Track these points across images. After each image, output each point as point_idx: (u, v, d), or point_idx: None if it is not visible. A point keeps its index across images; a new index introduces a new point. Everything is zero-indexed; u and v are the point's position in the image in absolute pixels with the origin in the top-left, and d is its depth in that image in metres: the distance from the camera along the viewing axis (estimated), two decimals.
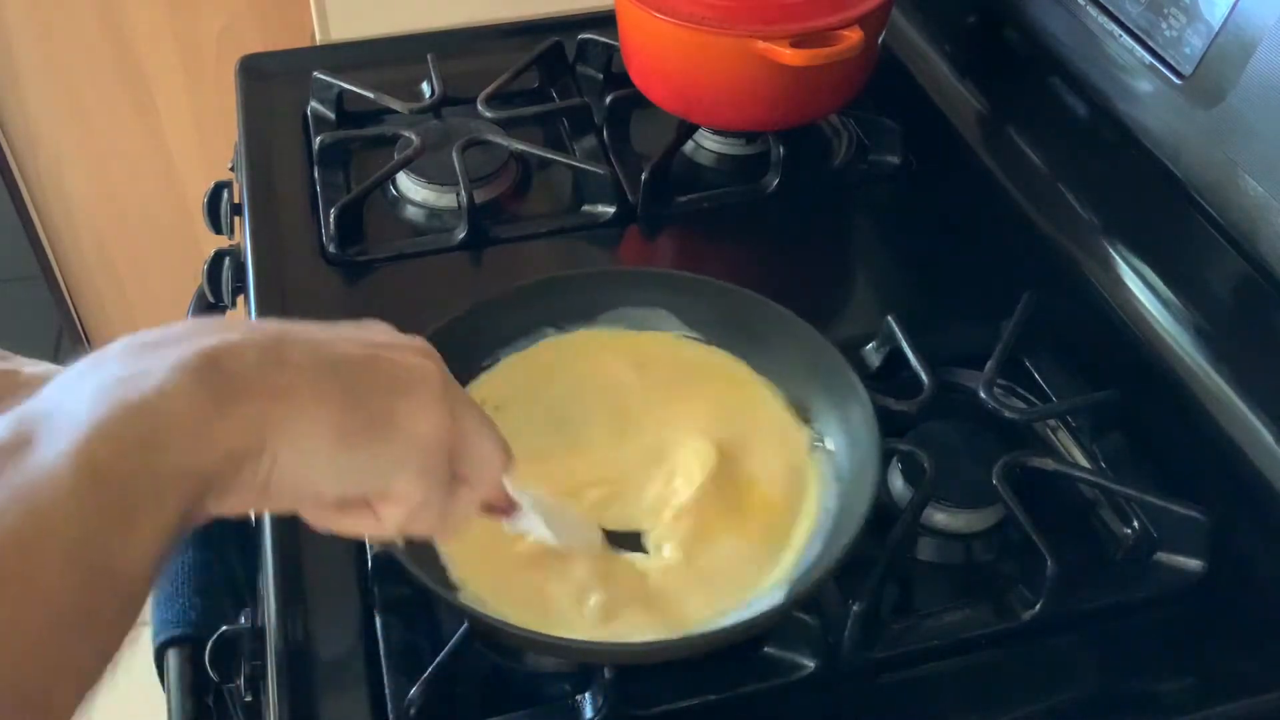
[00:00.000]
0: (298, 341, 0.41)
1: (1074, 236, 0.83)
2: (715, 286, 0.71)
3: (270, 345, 0.40)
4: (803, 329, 0.68)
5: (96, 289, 1.71)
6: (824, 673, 0.59)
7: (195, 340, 0.38)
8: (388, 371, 0.43)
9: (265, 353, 0.39)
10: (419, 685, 0.57)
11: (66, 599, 0.33)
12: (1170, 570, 0.64)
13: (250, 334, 0.40)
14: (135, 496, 0.35)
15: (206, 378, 0.37)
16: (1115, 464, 0.70)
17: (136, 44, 1.49)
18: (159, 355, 0.37)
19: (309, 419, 0.40)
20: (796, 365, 0.68)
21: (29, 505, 0.33)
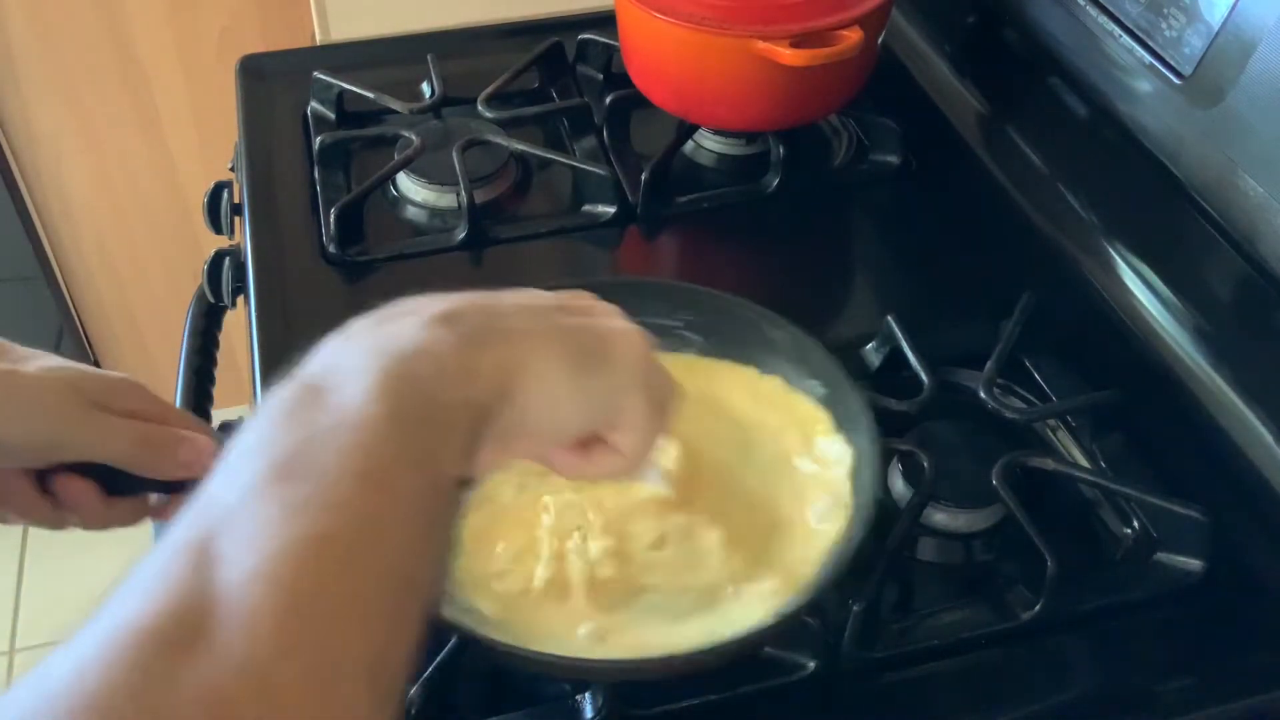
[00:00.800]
0: (499, 299, 0.46)
1: (1074, 236, 0.83)
2: (710, 297, 0.69)
3: (482, 304, 0.44)
4: (799, 337, 0.66)
5: (96, 289, 1.71)
6: (824, 673, 0.59)
7: (424, 308, 0.43)
8: (577, 308, 0.48)
9: (482, 309, 0.44)
10: (419, 685, 0.57)
11: (419, 498, 0.38)
12: (1170, 570, 0.64)
13: (462, 299, 0.44)
14: (433, 419, 0.39)
15: (453, 329, 0.42)
16: (1115, 464, 0.70)
17: (136, 44, 1.49)
18: (401, 322, 0.42)
19: (542, 356, 0.44)
20: (787, 366, 0.67)
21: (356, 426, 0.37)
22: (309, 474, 0.35)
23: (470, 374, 0.41)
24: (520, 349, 0.43)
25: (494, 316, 0.44)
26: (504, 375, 0.43)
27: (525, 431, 0.44)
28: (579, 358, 0.45)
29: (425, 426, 0.39)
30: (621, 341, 0.47)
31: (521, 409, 0.43)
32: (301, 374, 0.40)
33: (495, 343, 0.43)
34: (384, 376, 0.39)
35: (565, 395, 0.45)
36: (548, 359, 0.44)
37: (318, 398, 0.38)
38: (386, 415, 0.38)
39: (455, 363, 0.41)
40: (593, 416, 0.47)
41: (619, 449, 0.49)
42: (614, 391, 0.47)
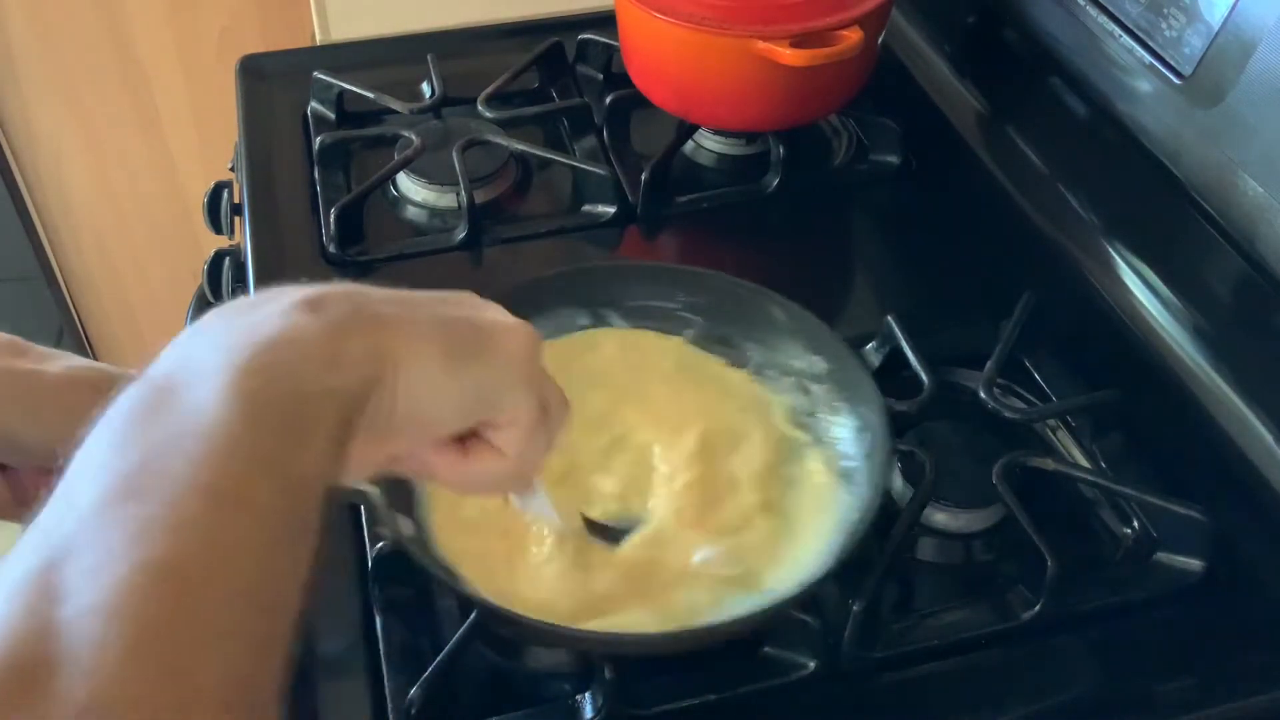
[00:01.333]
0: (372, 290, 0.43)
1: (1074, 236, 0.83)
2: (722, 280, 0.70)
3: (350, 291, 0.42)
4: (812, 324, 0.67)
5: (96, 289, 1.71)
6: (824, 673, 0.59)
7: (289, 294, 0.40)
8: (463, 302, 0.46)
9: (350, 295, 0.41)
10: (419, 685, 0.57)
11: (277, 510, 0.35)
12: (1170, 570, 0.64)
13: (328, 286, 0.42)
14: (295, 415, 0.36)
15: (319, 315, 0.39)
16: (1115, 464, 0.70)
17: (136, 44, 1.49)
18: (262, 309, 0.39)
19: (417, 342, 0.41)
20: (790, 344, 0.68)
21: (203, 432, 0.34)
22: (153, 492, 0.33)
23: (337, 361, 0.38)
24: (391, 334, 0.41)
25: (362, 303, 0.41)
26: (374, 362, 0.40)
27: (398, 423, 0.41)
28: (456, 346, 0.43)
29: (284, 425, 0.36)
30: (505, 334, 0.45)
31: (393, 398, 0.40)
32: (149, 373, 0.37)
33: (365, 329, 0.40)
34: (237, 373, 0.36)
35: (441, 384, 0.42)
36: (422, 345, 0.41)
37: (165, 400, 0.35)
38: (239, 418, 0.35)
39: (320, 350, 0.38)
40: (470, 409, 0.45)
41: (501, 448, 0.47)
42: (494, 384, 0.45)
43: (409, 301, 0.43)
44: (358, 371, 0.39)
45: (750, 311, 0.69)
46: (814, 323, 0.67)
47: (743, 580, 0.59)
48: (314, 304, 0.39)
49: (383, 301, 0.42)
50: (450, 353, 0.42)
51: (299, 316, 0.38)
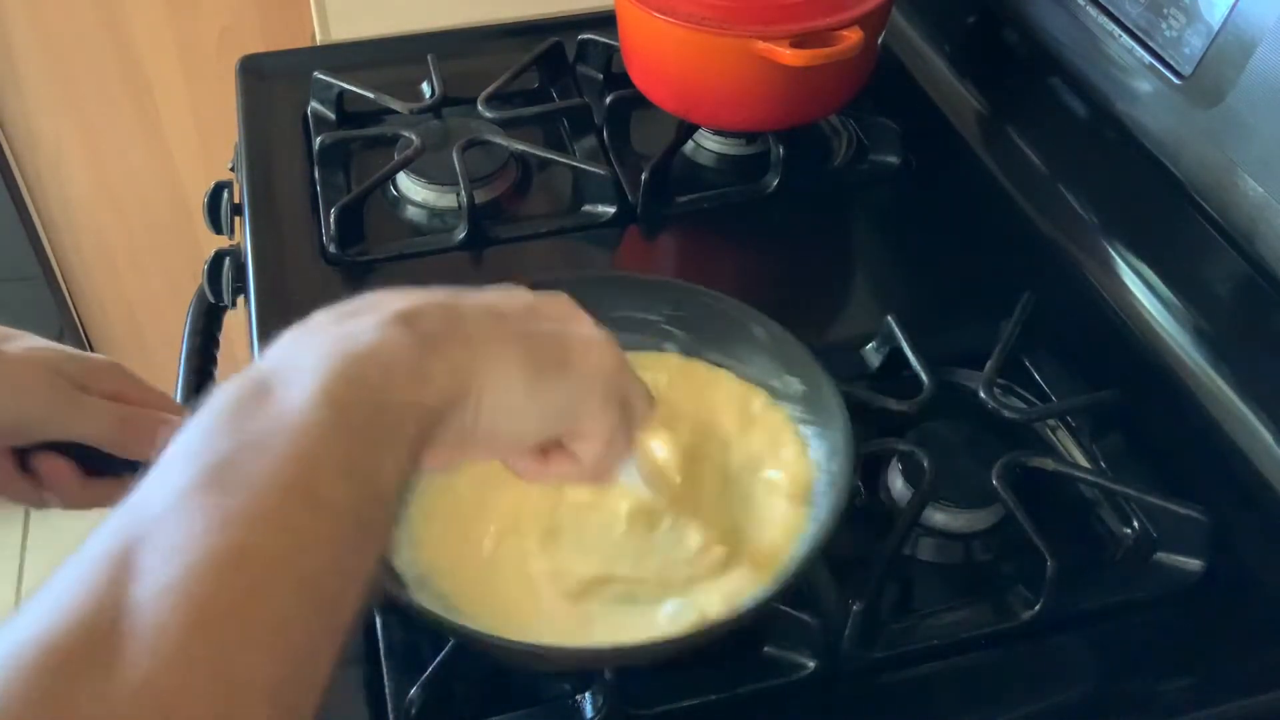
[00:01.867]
0: (465, 300, 0.45)
1: (1074, 236, 0.83)
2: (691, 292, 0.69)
3: (447, 304, 0.44)
4: (779, 334, 0.66)
5: (96, 289, 1.71)
6: (824, 673, 0.59)
7: (386, 305, 0.42)
8: (549, 312, 0.47)
9: (445, 310, 0.43)
10: (419, 685, 0.57)
11: (351, 512, 0.36)
12: (1170, 570, 0.64)
13: (427, 297, 0.44)
14: (378, 425, 0.38)
15: (409, 330, 0.41)
16: (1115, 464, 0.70)
17: (136, 44, 1.49)
18: (360, 320, 0.41)
19: (501, 362, 0.43)
20: (768, 362, 0.67)
21: (294, 434, 0.36)
22: (239, 483, 0.34)
23: (423, 378, 0.41)
24: (478, 354, 0.43)
25: (455, 319, 0.43)
26: (458, 381, 0.42)
27: (479, 437, 0.43)
28: (538, 365, 0.44)
29: (367, 433, 0.38)
30: (587, 350, 0.47)
31: (475, 414, 0.42)
32: (255, 368, 0.39)
33: (453, 346, 0.42)
34: (331, 379, 0.38)
35: (521, 403, 0.44)
36: (505, 365, 0.43)
37: (263, 397, 0.37)
38: (329, 422, 0.37)
39: (408, 366, 0.40)
40: (549, 426, 0.47)
41: (578, 457, 0.49)
42: (573, 401, 0.46)
43: (500, 315, 0.45)
44: (441, 388, 0.41)
45: (731, 328, 0.68)
46: (793, 344, 0.66)
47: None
48: (409, 318, 0.41)
49: (475, 316, 0.44)
50: (532, 372, 0.44)
51: (393, 330, 0.41)
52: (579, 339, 0.47)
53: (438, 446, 0.42)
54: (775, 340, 0.66)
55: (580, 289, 0.70)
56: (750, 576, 0.58)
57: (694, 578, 0.58)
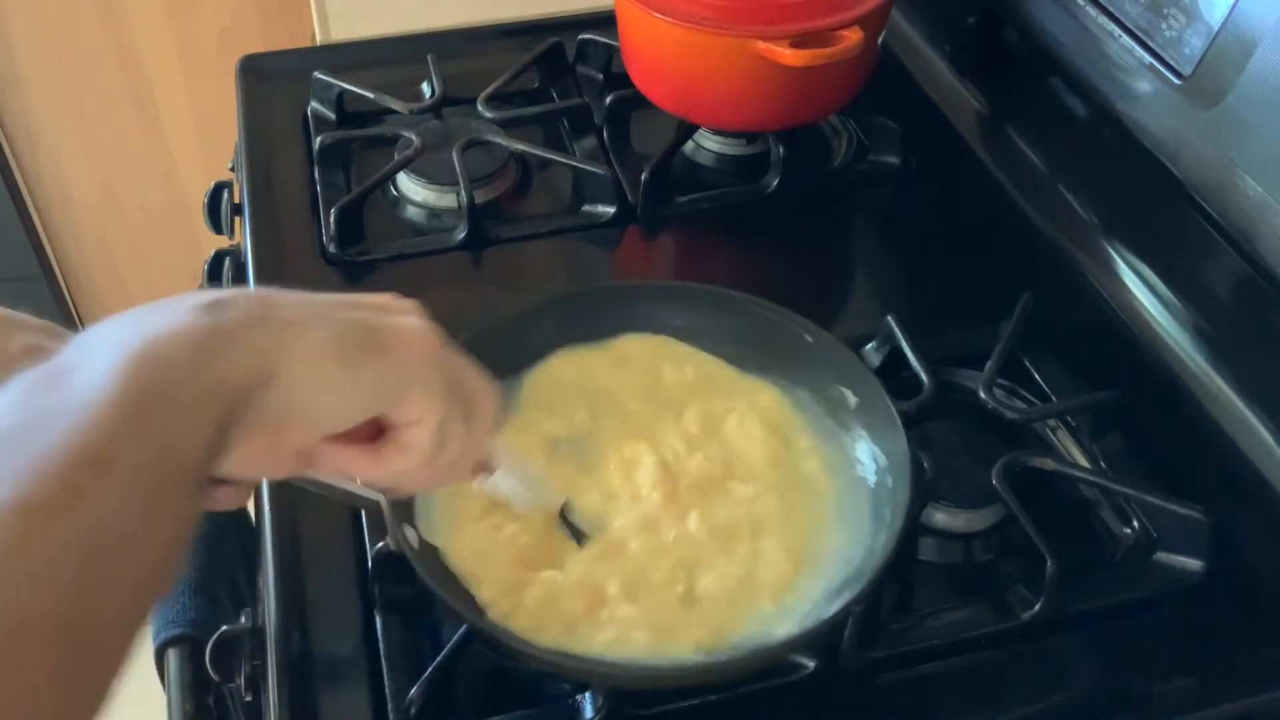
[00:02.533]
0: (280, 292, 0.45)
1: (1074, 236, 0.83)
2: (740, 302, 0.69)
3: (258, 295, 0.44)
4: (841, 354, 0.66)
5: (96, 289, 1.71)
6: (824, 673, 0.59)
7: (191, 297, 0.42)
8: (369, 303, 0.47)
9: (256, 300, 0.43)
10: (419, 685, 0.57)
11: (142, 478, 0.36)
12: (1170, 570, 0.64)
13: (238, 290, 0.44)
14: (175, 400, 0.38)
15: (214, 315, 0.41)
16: (1115, 464, 0.70)
17: (136, 44, 1.49)
18: (164, 309, 0.41)
19: (307, 342, 0.43)
20: (830, 387, 0.67)
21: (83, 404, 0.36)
22: (22, 448, 0.35)
23: (223, 354, 0.40)
24: (284, 333, 0.42)
25: (263, 305, 0.43)
26: (263, 358, 0.41)
27: (290, 418, 0.43)
28: (348, 344, 0.44)
29: (162, 409, 0.38)
30: (403, 334, 0.46)
31: (283, 391, 0.42)
32: (51, 359, 0.39)
33: (258, 327, 0.42)
34: (126, 359, 0.38)
35: (332, 380, 0.43)
36: (313, 343, 0.43)
37: (56, 380, 0.38)
38: (118, 395, 0.37)
39: (209, 345, 0.40)
40: (365, 403, 0.45)
41: (406, 443, 0.47)
42: (390, 382, 0.45)
43: (314, 304, 0.44)
44: (245, 366, 0.41)
45: (781, 337, 0.68)
46: (846, 354, 0.66)
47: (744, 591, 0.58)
48: (214, 306, 0.41)
49: (287, 305, 0.43)
50: (341, 349, 0.43)
51: (196, 315, 0.41)
52: (397, 325, 0.46)
53: (250, 430, 0.41)
54: (830, 352, 0.66)
55: (630, 294, 0.70)
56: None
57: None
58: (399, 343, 0.46)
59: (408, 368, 0.46)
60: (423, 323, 0.47)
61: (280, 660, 0.60)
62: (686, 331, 0.70)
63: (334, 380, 0.43)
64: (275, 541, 0.65)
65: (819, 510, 0.62)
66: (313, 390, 0.43)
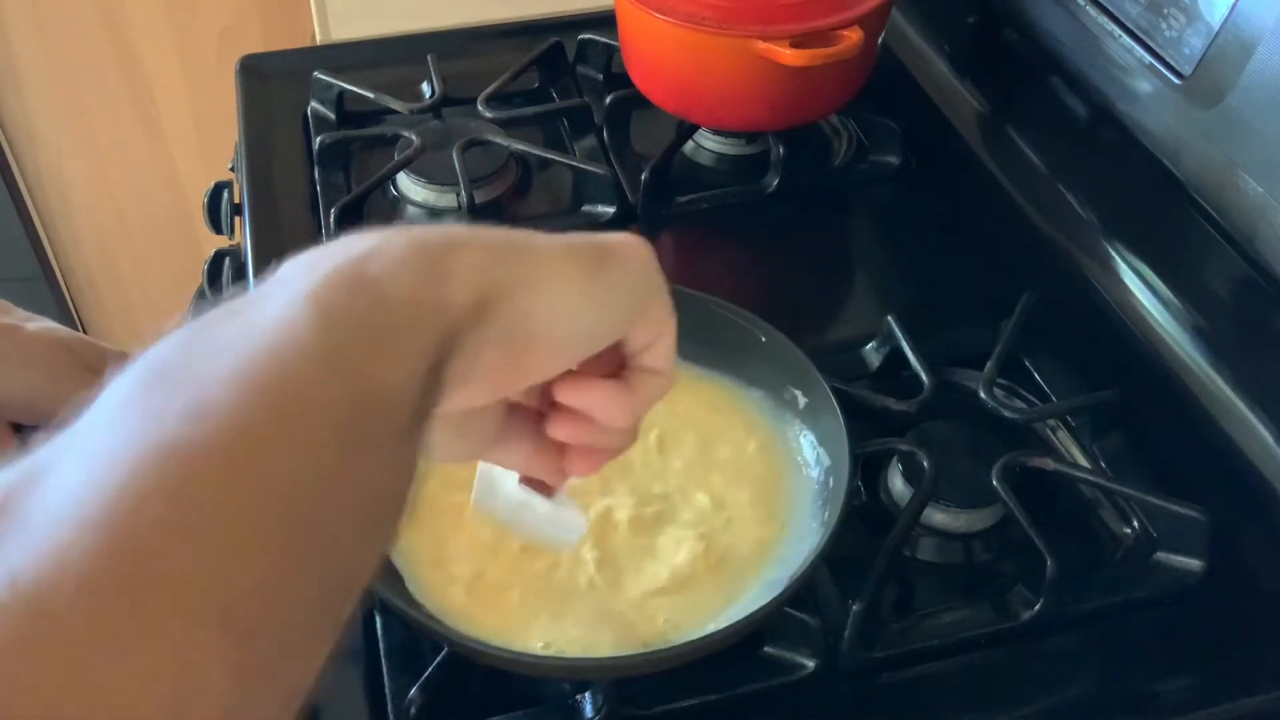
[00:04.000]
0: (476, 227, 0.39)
1: (1074, 236, 0.83)
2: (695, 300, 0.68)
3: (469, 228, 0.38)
4: (768, 333, 0.66)
5: (96, 289, 1.71)
6: (824, 673, 0.59)
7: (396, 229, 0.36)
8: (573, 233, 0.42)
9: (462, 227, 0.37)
10: (419, 685, 0.57)
11: (342, 417, 0.30)
12: (1170, 570, 0.64)
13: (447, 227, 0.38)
14: (380, 323, 0.32)
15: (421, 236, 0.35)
16: (1115, 464, 0.70)
17: (136, 44, 1.49)
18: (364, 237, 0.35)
19: (543, 264, 0.37)
20: (768, 371, 0.67)
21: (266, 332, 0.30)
22: (186, 383, 0.28)
23: (441, 272, 0.34)
24: (514, 255, 0.37)
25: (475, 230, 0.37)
26: (489, 278, 0.35)
27: (532, 342, 0.37)
28: (588, 259, 0.39)
29: (365, 328, 0.31)
30: (627, 246, 0.41)
31: (525, 310, 0.36)
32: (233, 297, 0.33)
33: (480, 246, 0.36)
34: (320, 279, 0.32)
35: (575, 291, 0.38)
36: (550, 262, 0.37)
37: (234, 314, 0.31)
38: (309, 320, 0.30)
39: (422, 259, 0.34)
40: (617, 320, 0.40)
41: (653, 365, 0.42)
42: (635, 290, 0.40)
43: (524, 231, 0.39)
44: (468, 284, 0.35)
45: (734, 336, 0.68)
46: (795, 353, 0.65)
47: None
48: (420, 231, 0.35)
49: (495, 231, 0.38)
50: (584, 265, 0.38)
51: (400, 235, 0.34)
52: (613, 239, 0.41)
53: (476, 359, 0.35)
54: (779, 350, 0.66)
55: None
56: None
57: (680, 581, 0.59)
58: (625, 253, 0.40)
59: (643, 273, 0.41)
60: (636, 239, 0.42)
61: None
62: None
63: (579, 292, 0.38)
64: None
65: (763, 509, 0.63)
66: (558, 305, 0.37)
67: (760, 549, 0.61)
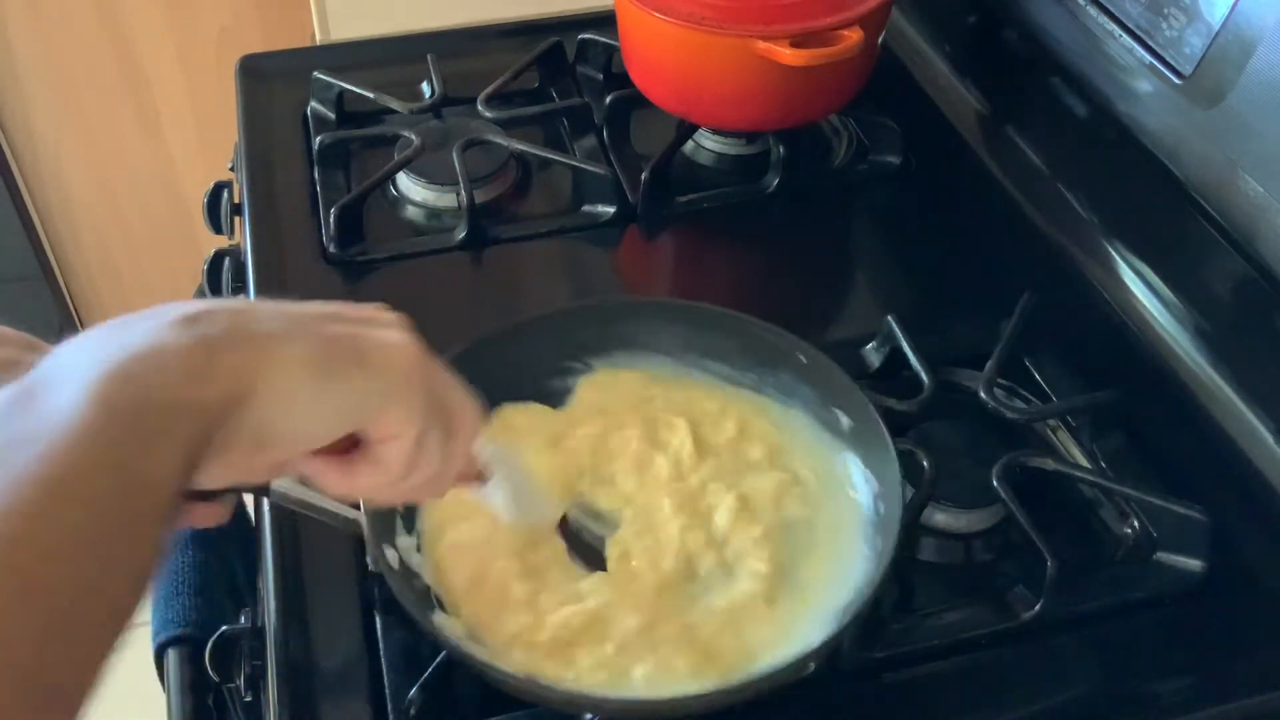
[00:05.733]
0: (262, 305, 0.44)
1: (1074, 236, 0.83)
2: (743, 323, 0.68)
3: (239, 308, 0.43)
4: (829, 368, 0.66)
5: (96, 289, 1.71)
6: (824, 673, 0.59)
7: (174, 309, 0.41)
8: (352, 316, 0.45)
9: (236, 313, 0.42)
10: (419, 686, 0.57)
11: (107, 501, 0.35)
12: (1170, 570, 0.64)
13: (218, 303, 0.43)
14: (147, 423, 0.37)
15: (192, 330, 0.40)
16: (1115, 464, 0.70)
17: (136, 44, 1.49)
18: (144, 321, 0.40)
19: (284, 359, 0.41)
20: (818, 402, 0.67)
21: (53, 430, 0.35)
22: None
23: (200, 375, 0.39)
24: (261, 350, 0.41)
25: (242, 320, 0.41)
26: (241, 379, 0.40)
27: (265, 435, 0.41)
28: (326, 360, 0.42)
29: (135, 430, 0.37)
30: (386, 348, 0.45)
31: (258, 410, 0.40)
32: (26, 377, 0.38)
33: (237, 345, 0.40)
34: (98, 379, 0.37)
35: (307, 396, 0.42)
36: (290, 361, 0.41)
37: (29, 400, 0.37)
38: (90, 418, 0.36)
39: (186, 365, 0.39)
40: (341, 420, 0.44)
41: (379, 458, 0.46)
42: (366, 398, 0.44)
43: (295, 317, 0.43)
44: (222, 387, 0.40)
45: (778, 359, 0.67)
46: (842, 377, 0.65)
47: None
48: (191, 320, 0.40)
49: (266, 319, 0.42)
50: (319, 366, 0.42)
51: (171, 331, 0.39)
52: (378, 339, 0.45)
53: (226, 450, 0.40)
54: (824, 374, 0.66)
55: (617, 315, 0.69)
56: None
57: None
58: (379, 357, 0.44)
59: (386, 382, 0.44)
60: (405, 336, 0.46)
61: (280, 661, 0.60)
62: (677, 349, 0.69)
63: (310, 397, 0.42)
64: (275, 542, 0.65)
65: (812, 535, 0.62)
66: (289, 408, 0.42)
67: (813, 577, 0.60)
